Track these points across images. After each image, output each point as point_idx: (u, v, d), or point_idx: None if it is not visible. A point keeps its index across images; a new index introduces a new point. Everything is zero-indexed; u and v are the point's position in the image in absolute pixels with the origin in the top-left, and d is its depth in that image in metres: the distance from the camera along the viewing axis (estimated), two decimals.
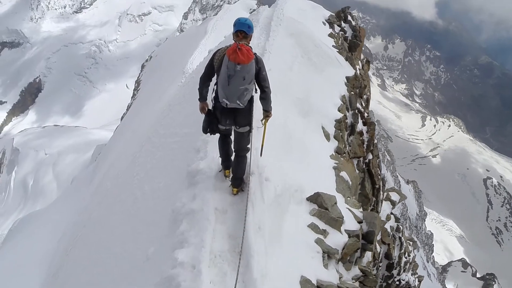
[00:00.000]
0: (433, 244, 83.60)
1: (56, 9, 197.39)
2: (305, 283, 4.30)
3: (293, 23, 11.45)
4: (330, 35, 12.61)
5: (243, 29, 4.62)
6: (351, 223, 5.72)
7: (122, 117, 37.30)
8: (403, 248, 12.09)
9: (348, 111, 9.85)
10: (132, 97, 38.69)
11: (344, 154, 8.64)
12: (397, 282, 11.79)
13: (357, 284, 5.59)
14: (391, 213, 12.23)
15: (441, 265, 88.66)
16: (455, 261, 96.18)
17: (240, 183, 5.14)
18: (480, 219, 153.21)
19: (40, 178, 62.04)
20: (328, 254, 4.88)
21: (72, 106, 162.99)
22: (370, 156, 11.06)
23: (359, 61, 13.96)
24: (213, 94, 4.80)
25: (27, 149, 71.31)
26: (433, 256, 77.24)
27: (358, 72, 12.11)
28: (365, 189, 10.55)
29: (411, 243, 14.70)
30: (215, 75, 4.78)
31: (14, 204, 59.42)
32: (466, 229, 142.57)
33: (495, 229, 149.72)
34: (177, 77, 24.52)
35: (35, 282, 11.36)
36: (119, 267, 5.86)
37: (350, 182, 7.32)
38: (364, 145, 10.76)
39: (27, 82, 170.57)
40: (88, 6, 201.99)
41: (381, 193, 12.45)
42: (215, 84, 4.74)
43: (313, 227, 5.01)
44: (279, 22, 11.18)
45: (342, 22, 14.56)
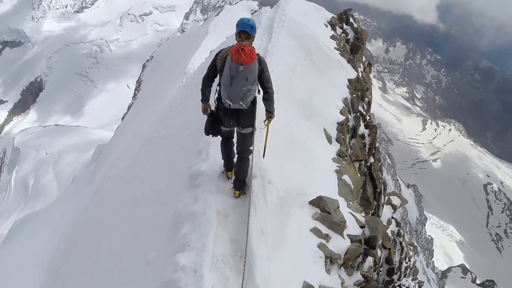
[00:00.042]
0: (433, 249, 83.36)
1: (58, 9, 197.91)
2: None
3: (296, 25, 11.41)
4: (332, 37, 12.57)
5: (246, 30, 4.56)
6: (354, 228, 5.65)
7: (123, 117, 37.25)
8: (404, 253, 12.02)
9: (350, 114, 9.79)
10: (133, 97, 38.67)
11: (346, 157, 8.57)
12: (398, 287, 11.72)
13: None
14: (392, 218, 12.18)
15: (441, 271, 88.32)
16: (455, 267, 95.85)
17: (243, 186, 5.07)
18: (480, 225, 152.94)
19: (41, 178, 62.03)
20: (331, 259, 4.81)
21: (73, 106, 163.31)
22: (372, 160, 11.00)
23: (361, 64, 13.92)
24: (216, 95, 4.73)
25: (28, 149, 71.34)
26: (433, 261, 76.94)
27: (360, 75, 12.06)
28: (367, 193, 10.49)
29: (412, 248, 14.63)
30: (218, 76, 4.71)
31: (15, 204, 59.38)
32: (466, 235, 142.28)
33: (495, 235, 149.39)
34: (178, 78, 24.51)
35: (35, 282, 11.32)
36: (119, 268, 5.83)
37: (352, 186, 7.25)
38: (366, 148, 10.71)
39: (28, 82, 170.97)
40: (90, 6, 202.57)
41: (382, 197, 12.39)
42: (218, 85, 4.67)
43: (316, 232, 4.94)
44: (281, 24, 11.13)
45: (344, 24, 14.53)
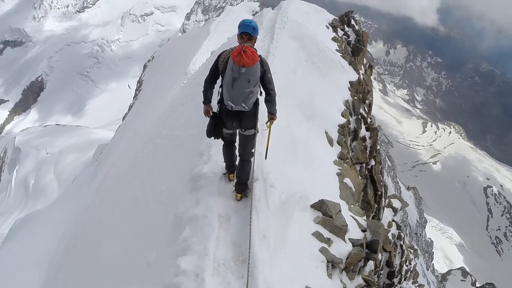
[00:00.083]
0: (433, 252, 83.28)
1: (59, 9, 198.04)
2: None
3: (297, 26, 11.40)
4: (334, 39, 12.55)
5: (248, 31, 4.54)
6: (355, 232, 5.63)
7: (124, 117, 37.24)
8: (404, 256, 12.00)
9: (352, 116, 9.78)
10: (134, 97, 38.67)
11: (347, 160, 8.54)
12: None
13: None
14: (393, 221, 12.14)
15: (441, 273, 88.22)
16: (455, 270, 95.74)
17: (244, 189, 5.05)
18: (480, 228, 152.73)
19: (41, 177, 61.95)
20: (332, 264, 4.78)
21: (74, 106, 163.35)
22: (373, 162, 10.97)
23: (362, 66, 13.89)
24: (218, 97, 4.71)
25: (29, 148, 71.31)
26: (433, 264, 76.89)
27: (362, 77, 12.04)
28: (367, 196, 10.46)
29: (412, 251, 14.61)
30: (220, 78, 4.69)
31: (15, 203, 59.30)
32: (466, 238, 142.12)
33: (495, 239, 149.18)
34: (179, 78, 24.50)
35: (36, 282, 11.31)
36: (120, 269, 5.80)
37: (354, 189, 7.22)
38: (367, 151, 10.68)
39: (29, 81, 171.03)
40: (91, 6, 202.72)
41: (383, 200, 12.36)
42: (220, 87, 4.65)
43: (318, 236, 4.92)
44: (283, 25, 11.12)
45: (346, 26, 14.51)
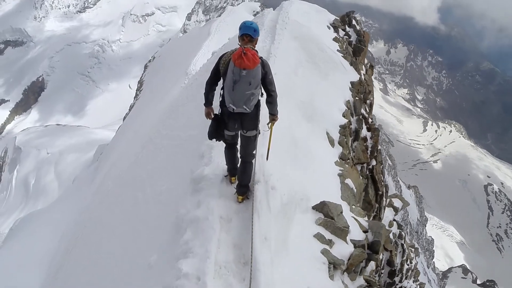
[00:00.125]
0: (434, 250, 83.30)
1: (60, 9, 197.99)
2: None
3: (298, 27, 11.39)
4: (335, 39, 12.52)
5: (249, 33, 4.53)
6: (357, 233, 5.63)
7: (125, 117, 37.27)
8: (405, 255, 12.01)
9: (353, 117, 9.77)
10: (135, 98, 38.69)
11: (348, 160, 8.54)
12: None
13: None
14: (394, 220, 12.16)
15: (442, 271, 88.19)
16: (456, 267, 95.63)
17: (246, 191, 5.03)
18: (481, 226, 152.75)
19: (42, 177, 61.98)
20: (334, 265, 4.78)
21: (75, 106, 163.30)
22: (374, 162, 10.96)
23: (363, 66, 13.87)
24: (220, 99, 4.71)
25: (29, 148, 71.37)
26: (434, 262, 76.89)
27: (363, 77, 12.03)
28: (368, 196, 10.46)
29: (413, 250, 14.62)
30: (222, 80, 4.69)
31: (16, 203, 59.35)
32: (467, 235, 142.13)
33: (496, 236, 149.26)
34: (180, 78, 24.51)
35: (36, 282, 11.32)
36: (120, 270, 5.79)
37: (355, 190, 7.22)
38: (368, 151, 10.68)
39: (30, 81, 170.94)
40: (92, 6, 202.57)
41: (384, 200, 12.36)
42: (222, 89, 4.65)
43: (319, 237, 4.91)
44: (284, 26, 11.11)
45: (347, 27, 14.48)
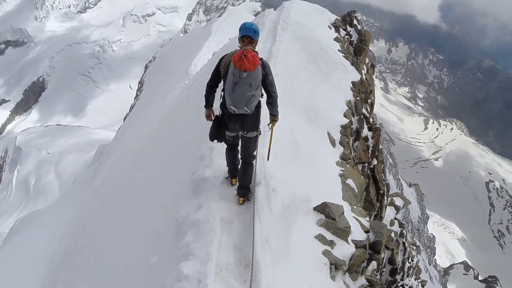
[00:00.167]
0: (435, 247, 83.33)
1: (61, 9, 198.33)
2: None
3: (300, 27, 11.35)
4: (336, 39, 12.51)
5: (249, 34, 4.54)
6: (358, 233, 5.63)
7: (125, 118, 37.30)
8: (407, 253, 12.00)
9: (354, 117, 9.76)
10: (135, 98, 38.70)
11: (349, 160, 8.54)
12: (400, 287, 11.69)
13: None
14: (395, 219, 12.15)
15: (443, 268, 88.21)
16: (457, 264, 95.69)
17: (247, 193, 5.02)
18: (482, 222, 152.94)
19: (42, 177, 62.09)
20: (336, 266, 4.79)
21: (75, 106, 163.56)
22: (375, 162, 10.94)
23: (364, 65, 13.86)
24: (221, 100, 4.71)
25: (30, 148, 71.54)
26: (435, 259, 76.90)
27: (364, 77, 12.02)
28: (370, 195, 10.45)
29: (414, 248, 14.60)
30: (222, 82, 4.70)
31: (16, 203, 59.47)
32: (468, 232, 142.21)
33: (497, 232, 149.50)
34: (181, 79, 24.44)
35: (35, 282, 11.31)
36: (120, 271, 5.75)
37: (356, 190, 7.22)
38: (369, 151, 10.66)
39: (31, 81, 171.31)
40: (93, 6, 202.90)
41: (385, 199, 12.35)
42: (222, 90, 4.65)
43: (321, 238, 4.92)
44: (286, 26, 11.07)
45: (348, 26, 14.46)
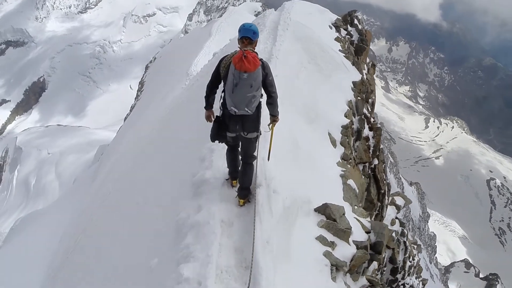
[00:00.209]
0: (436, 245, 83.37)
1: (61, 9, 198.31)
2: None
3: (300, 28, 11.34)
4: (337, 39, 12.50)
5: (248, 35, 4.55)
6: (359, 233, 5.62)
7: (125, 118, 37.34)
8: (408, 252, 11.99)
9: (355, 117, 9.75)
10: (136, 98, 38.76)
11: (350, 160, 8.54)
12: (402, 286, 11.69)
13: None
14: (396, 218, 12.15)
15: (444, 266, 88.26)
16: (458, 262, 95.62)
17: (247, 194, 5.02)
18: (483, 220, 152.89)
19: (42, 177, 62.25)
20: (337, 267, 4.78)
21: (76, 106, 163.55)
22: (376, 161, 10.94)
23: (365, 65, 13.85)
24: (221, 101, 4.72)
25: (30, 148, 71.71)
26: (436, 257, 77.00)
27: (365, 77, 12.01)
28: (371, 195, 10.45)
29: (415, 247, 14.59)
30: (222, 83, 4.70)
31: (16, 203, 59.62)
32: (469, 230, 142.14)
33: (498, 230, 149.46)
34: (181, 79, 24.47)
35: (36, 282, 11.33)
36: (121, 272, 5.75)
37: (357, 190, 7.22)
38: (370, 151, 10.66)
39: (31, 81, 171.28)
40: (93, 7, 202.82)
41: (386, 198, 12.35)
42: (223, 91, 4.66)
43: (321, 240, 4.91)
44: (286, 27, 11.06)
45: (349, 26, 14.45)
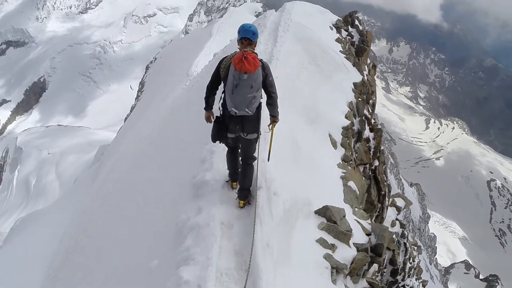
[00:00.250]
0: (436, 246, 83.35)
1: (62, 9, 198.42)
2: None
3: (301, 28, 11.32)
4: (338, 40, 12.49)
5: (248, 36, 4.54)
6: (360, 236, 5.60)
7: (126, 118, 37.35)
8: (408, 254, 11.97)
9: (355, 118, 9.73)
10: (136, 99, 38.80)
11: (351, 162, 8.52)
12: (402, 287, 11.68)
13: None
14: (396, 219, 12.13)
15: (444, 267, 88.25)
16: (458, 263, 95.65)
17: (247, 195, 4.99)
18: (484, 221, 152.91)
19: (43, 177, 62.23)
20: (337, 270, 4.76)
21: (76, 106, 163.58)
22: (377, 163, 10.92)
23: (366, 66, 13.83)
24: (221, 101, 4.70)
25: (30, 148, 71.73)
26: (436, 258, 76.99)
27: (366, 78, 11.98)
28: (371, 196, 10.42)
29: (415, 248, 14.57)
30: (222, 83, 4.69)
31: (16, 203, 59.61)
32: (469, 231, 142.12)
33: (499, 231, 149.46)
34: (182, 80, 24.47)
35: (36, 282, 11.31)
36: (120, 274, 5.73)
37: (358, 192, 7.19)
38: (371, 152, 10.63)
39: (32, 82, 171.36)
40: (94, 7, 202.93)
41: (387, 199, 12.32)
42: (223, 92, 4.65)
43: (322, 242, 4.88)
44: (287, 27, 11.04)
45: (350, 27, 14.43)
